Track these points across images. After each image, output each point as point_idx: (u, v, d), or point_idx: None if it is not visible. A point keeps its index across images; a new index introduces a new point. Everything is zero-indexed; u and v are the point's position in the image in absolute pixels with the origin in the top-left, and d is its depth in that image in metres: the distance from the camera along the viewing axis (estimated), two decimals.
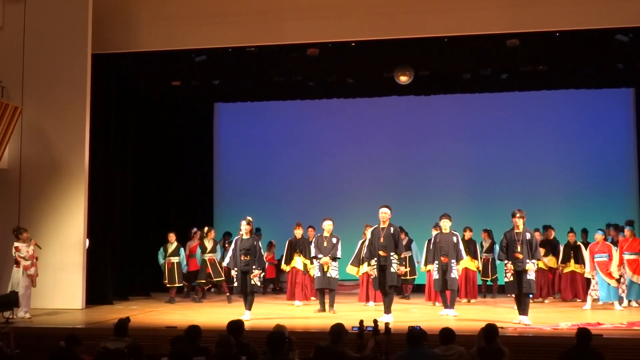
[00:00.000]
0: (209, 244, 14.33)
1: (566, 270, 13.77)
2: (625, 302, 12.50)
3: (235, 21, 13.18)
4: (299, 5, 13.09)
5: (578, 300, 13.61)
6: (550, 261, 13.80)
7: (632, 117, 16.21)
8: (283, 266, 14.05)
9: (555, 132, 16.44)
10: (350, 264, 13.46)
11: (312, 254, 12.59)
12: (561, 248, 13.87)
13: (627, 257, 12.65)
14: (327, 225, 12.52)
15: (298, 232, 13.82)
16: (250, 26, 13.13)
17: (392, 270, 10.80)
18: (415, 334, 6.56)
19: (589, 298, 12.54)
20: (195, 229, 14.62)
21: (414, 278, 14.48)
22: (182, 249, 14.32)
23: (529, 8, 12.43)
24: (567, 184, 16.14)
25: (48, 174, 12.95)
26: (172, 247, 14.24)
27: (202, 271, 14.29)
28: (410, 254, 14.10)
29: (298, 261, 13.62)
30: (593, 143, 16.20)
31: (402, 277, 13.91)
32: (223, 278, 14.09)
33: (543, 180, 16.22)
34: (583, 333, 6.75)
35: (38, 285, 11.97)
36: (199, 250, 14.42)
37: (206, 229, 14.55)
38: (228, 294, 13.75)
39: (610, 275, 12.32)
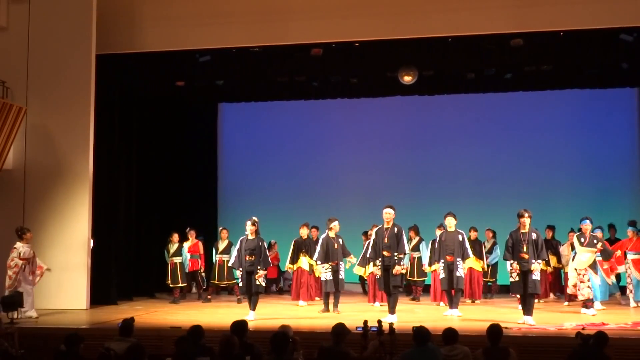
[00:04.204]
0: (221, 245, 14.32)
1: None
2: (634, 302, 12.49)
3: (239, 21, 13.19)
4: (303, 5, 13.10)
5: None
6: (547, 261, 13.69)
7: (636, 117, 16.18)
8: (288, 266, 14.03)
9: (559, 132, 16.42)
10: (358, 265, 13.48)
11: (316, 256, 12.58)
12: (561, 248, 13.82)
13: (631, 257, 12.63)
14: (336, 226, 12.54)
15: (304, 232, 13.83)
16: (254, 26, 13.14)
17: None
18: (422, 332, 6.56)
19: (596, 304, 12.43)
20: (188, 228, 14.63)
21: (424, 280, 14.24)
22: (183, 249, 14.34)
23: (533, 8, 12.42)
24: (570, 184, 16.11)
25: (52, 174, 12.97)
26: (174, 248, 14.27)
27: (212, 271, 14.36)
28: (419, 255, 14.05)
29: (304, 261, 13.62)
30: (597, 143, 16.18)
31: (411, 279, 13.99)
32: (234, 281, 13.78)
33: (547, 179, 16.20)
34: (601, 336, 6.72)
35: (42, 285, 12.02)
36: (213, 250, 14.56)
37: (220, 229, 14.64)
38: (239, 296, 13.48)
39: (607, 273, 12.35)
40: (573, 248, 12.39)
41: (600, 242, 11.93)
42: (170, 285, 14.25)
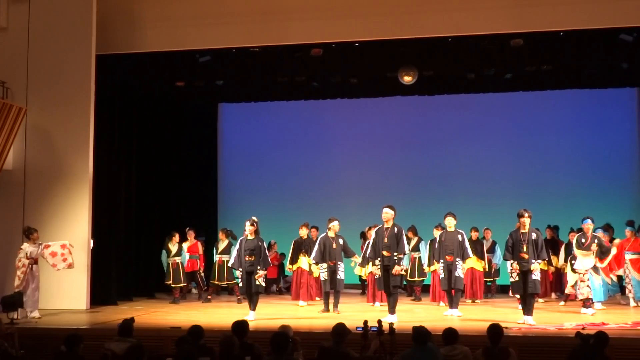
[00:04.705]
0: (222, 245, 14.31)
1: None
2: (634, 302, 12.49)
3: (239, 22, 13.19)
4: (302, 5, 13.10)
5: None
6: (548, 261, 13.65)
7: (636, 117, 16.19)
8: (288, 266, 14.03)
9: (559, 132, 16.43)
10: (358, 265, 13.48)
11: (313, 255, 12.56)
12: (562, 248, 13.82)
13: (629, 257, 12.62)
14: (335, 226, 12.52)
15: (303, 232, 13.82)
16: (254, 26, 13.14)
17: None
18: (422, 332, 6.56)
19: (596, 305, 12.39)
20: (187, 228, 14.61)
21: (423, 280, 14.24)
22: (183, 250, 14.33)
23: (533, 8, 12.42)
24: (571, 184, 16.12)
25: (53, 175, 12.97)
26: (175, 248, 14.26)
27: (212, 271, 14.36)
28: (419, 255, 14.05)
29: (303, 261, 13.62)
30: (597, 143, 16.19)
31: (411, 279, 13.99)
32: (233, 282, 13.70)
33: (547, 180, 16.22)
34: (601, 336, 6.72)
35: (43, 286, 12.00)
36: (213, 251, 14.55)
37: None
38: (239, 296, 13.38)
39: (607, 273, 12.32)
40: (571, 248, 12.42)
41: (596, 244, 11.88)
42: (172, 285, 14.23)
